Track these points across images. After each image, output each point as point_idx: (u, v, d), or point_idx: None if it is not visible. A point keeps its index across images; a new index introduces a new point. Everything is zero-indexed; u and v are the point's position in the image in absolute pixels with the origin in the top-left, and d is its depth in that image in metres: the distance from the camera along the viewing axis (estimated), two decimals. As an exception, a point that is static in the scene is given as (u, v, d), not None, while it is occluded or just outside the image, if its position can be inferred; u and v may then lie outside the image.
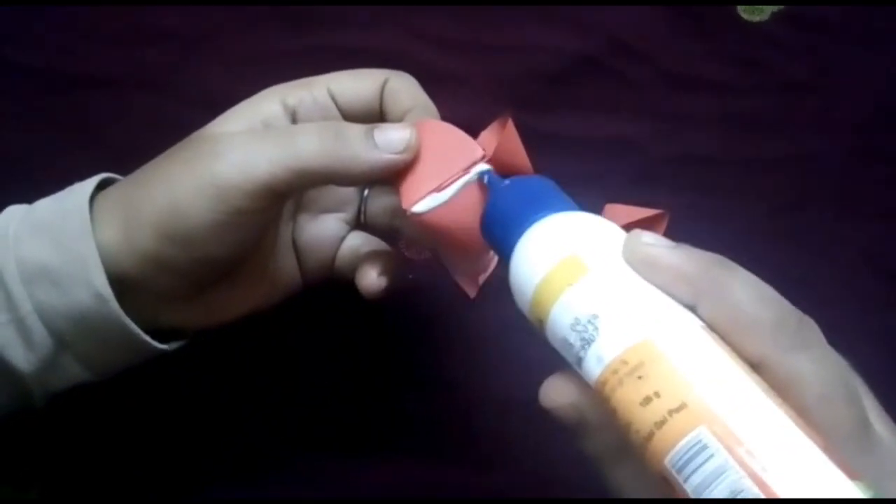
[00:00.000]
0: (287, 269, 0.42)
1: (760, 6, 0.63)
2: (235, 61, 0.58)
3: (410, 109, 0.39)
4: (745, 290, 0.28)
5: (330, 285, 0.48)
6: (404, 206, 0.37)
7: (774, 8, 0.63)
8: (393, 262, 0.41)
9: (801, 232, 0.54)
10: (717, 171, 0.56)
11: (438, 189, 0.37)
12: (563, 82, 0.59)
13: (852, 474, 0.24)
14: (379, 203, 0.43)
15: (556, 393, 0.31)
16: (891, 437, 0.28)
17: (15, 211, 0.38)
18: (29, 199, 0.40)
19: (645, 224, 0.51)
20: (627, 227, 0.50)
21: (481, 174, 0.37)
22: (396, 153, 0.36)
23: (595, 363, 0.28)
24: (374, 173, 0.36)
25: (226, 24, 0.60)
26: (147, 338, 0.37)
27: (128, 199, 0.37)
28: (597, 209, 0.53)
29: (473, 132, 0.55)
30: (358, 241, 0.43)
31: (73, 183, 0.39)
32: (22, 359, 0.36)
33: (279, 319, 0.48)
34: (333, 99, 0.40)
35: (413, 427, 0.49)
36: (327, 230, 0.42)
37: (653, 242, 0.29)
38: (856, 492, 0.24)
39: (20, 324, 0.36)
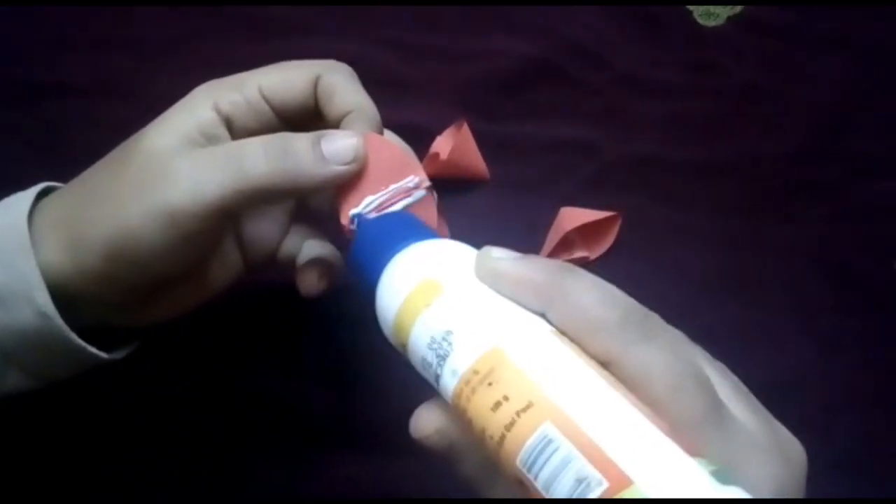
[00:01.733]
0: (231, 262, 0.42)
1: (716, 11, 0.64)
2: (203, 68, 0.58)
3: (349, 110, 0.39)
4: (589, 294, 0.28)
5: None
6: (342, 219, 0.37)
7: (730, 12, 0.64)
8: (332, 266, 0.42)
9: (752, 235, 0.55)
10: (670, 174, 0.57)
11: (378, 209, 0.37)
12: (520, 87, 0.59)
13: (693, 451, 0.25)
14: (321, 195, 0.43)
15: (422, 422, 0.31)
16: (746, 415, 0.29)
17: None
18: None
19: (599, 226, 0.52)
20: (582, 231, 0.51)
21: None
22: (345, 164, 0.37)
23: (450, 377, 0.29)
24: (323, 186, 0.37)
25: (192, 31, 0.61)
26: (94, 349, 0.38)
27: (72, 219, 0.37)
28: (552, 212, 0.54)
29: (431, 137, 0.56)
30: (301, 233, 0.43)
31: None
32: None
33: (238, 317, 0.48)
34: (266, 99, 0.39)
35: (376, 427, 0.49)
36: (270, 221, 0.43)
37: (501, 256, 0.30)
38: (697, 468, 0.25)
39: None
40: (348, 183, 0.37)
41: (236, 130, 0.38)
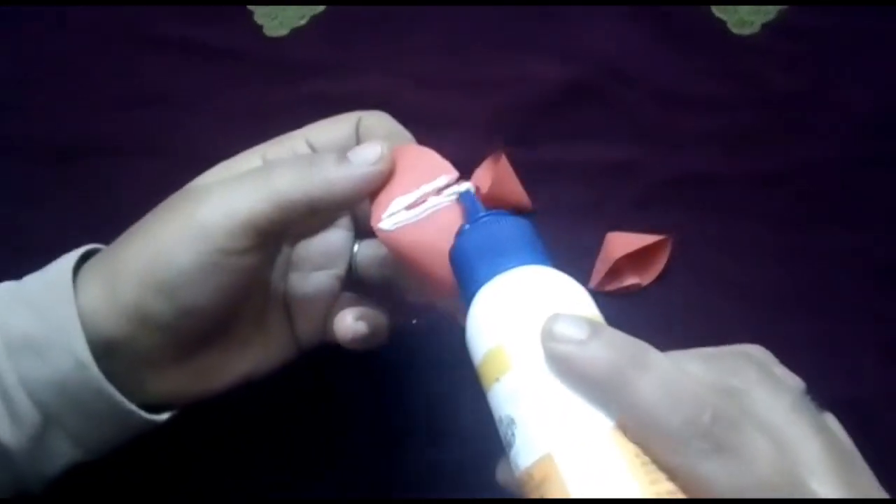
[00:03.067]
0: (279, 331, 0.41)
1: (750, 19, 0.63)
2: (230, 116, 0.58)
3: (385, 138, 0.39)
4: (653, 392, 0.26)
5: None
6: (372, 222, 0.36)
7: (764, 19, 0.63)
8: (375, 312, 0.41)
9: (807, 247, 0.53)
10: (716, 189, 0.55)
11: (410, 207, 0.36)
12: (554, 111, 0.59)
13: None
14: (368, 253, 0.42)
15: (503, 474, 0.32)
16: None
17: (6, 284, 0.38)
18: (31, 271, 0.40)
19: (649, 251, 0.50)
20: (631, 257, 0.50)
21: (460, 195, 0.37)
22: (371, 164, 0.36)
23: (515, 467, 0.28)
24: (352, 192, 0.36)
25: (223, 78, 0.61)
26: (133, 406, 0.37)
27: (111, 258, 0.37)
28: (598, 238, 0.53)
29: (468, 170, 0.56)
30: (351, 302, 0.42)
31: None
32: (9, 435, 0.36)
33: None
34: (312, 148, 0.40)
35: (423, 480, 0.48)
36: (319, 287, 0.42)
37: (566, 336, 0.28)
38: None
39: (5, 396, 0.35)
40: (379, 189, 0.37)
41: None
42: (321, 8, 0.65)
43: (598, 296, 0.51)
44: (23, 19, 0.66)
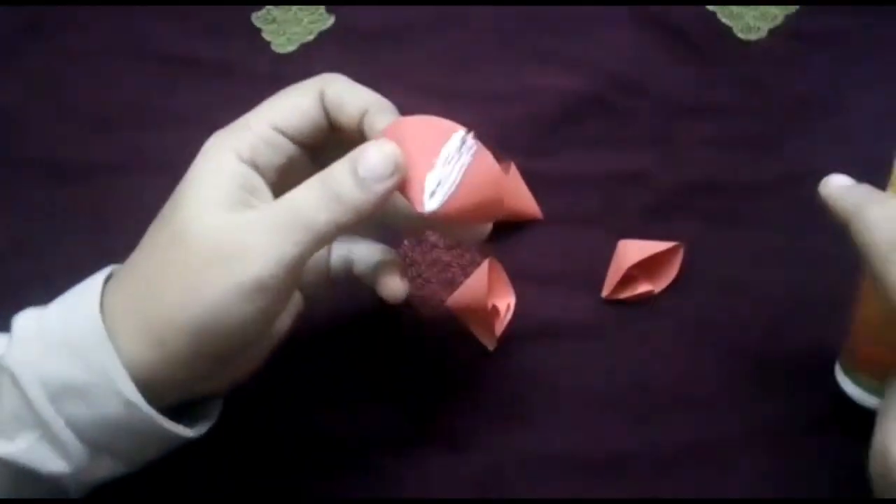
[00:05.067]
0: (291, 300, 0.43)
1: (757, 24, 0.63)
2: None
3: (363, 111, 0.40)
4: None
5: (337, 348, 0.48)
6: (416, 208, 0.37)
7: (771, 25, 0.63)
8: (400, 263, 0.44)
9: (819, 254, 0.53)
10: (728, 196, 0.56)
11: (442, 183, 0.37)
12: (562, 121, 0.59)
13: None
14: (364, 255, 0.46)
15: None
16: None
17: (27, 323, 0.38)
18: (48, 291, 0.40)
19: (661, 258, 0.51)
20: (644, 264, 0.50)
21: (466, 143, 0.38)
22: (389, 179, 0.37)
23: None
24: (377, 207, 0.37)
25: (227, 98, 0.61)
26: (180, 428, 0.38)
27: (148, 310, 0.37)
28: (610, 246, 0.53)
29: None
30: (343, 243, 0.45)
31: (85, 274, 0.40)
32: (58, 466, 0.37)
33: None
34: (280, 131, 0.39)
35: (433, 488, 0.48)
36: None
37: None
38: None
39: (54, 439, 0.36)
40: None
41: (263, 171, 0.39)
42: (329, 23, 0.66)
43: (612, 303, 0.52)
44: (29, 40, 0.67)
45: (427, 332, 0.51)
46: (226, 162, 0.38)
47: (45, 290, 0.40)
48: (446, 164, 0.37)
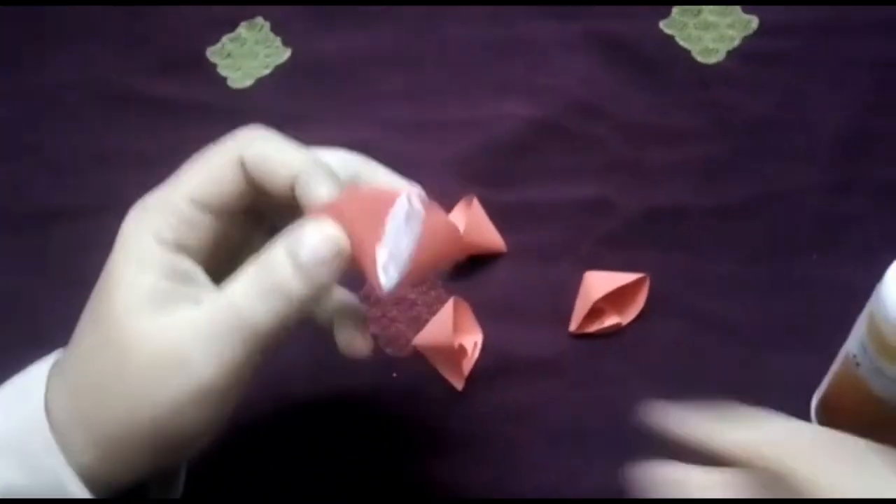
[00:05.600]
0: None
1: (715, 47, 0.63)
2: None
3: (292, 180, 0.36)
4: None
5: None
6: (372, 284, 0.35)
7: (728, 46, 0.63)
8: (362, 315, 0.41)
9: (784, 278, 0.53)
10: (691, 222, 0.55)
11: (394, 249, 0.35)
12: (523, 151, 0.59)
13: None
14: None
15: None
16: None
17: None
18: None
19: (627, 289, 0.50)
20: (610, 297, 0.50)
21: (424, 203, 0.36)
22: (332, 260, 0.34)
23: None
24: (322, 293, 0.35)
25: (184, 134, 0.60)
26: None
27: (94, 417, 0.35)
28: (575, 277, 0.52)
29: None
30: None
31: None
32: None
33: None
34: (201, 207, 0.36)
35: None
36: None
37: None
38: None
39: None
40: (356, 252, 0.35)
41: (192, 251, 0.36)
42: (286, 56, 0.65)
43: (580, 337, 0.51)
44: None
45: (395, 371, 0.51)
46: (147, 250, 0.35)
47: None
48: (396, 234, 0.34)
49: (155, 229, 0.36)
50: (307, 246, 0.34)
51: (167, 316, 0.34)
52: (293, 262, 0.34)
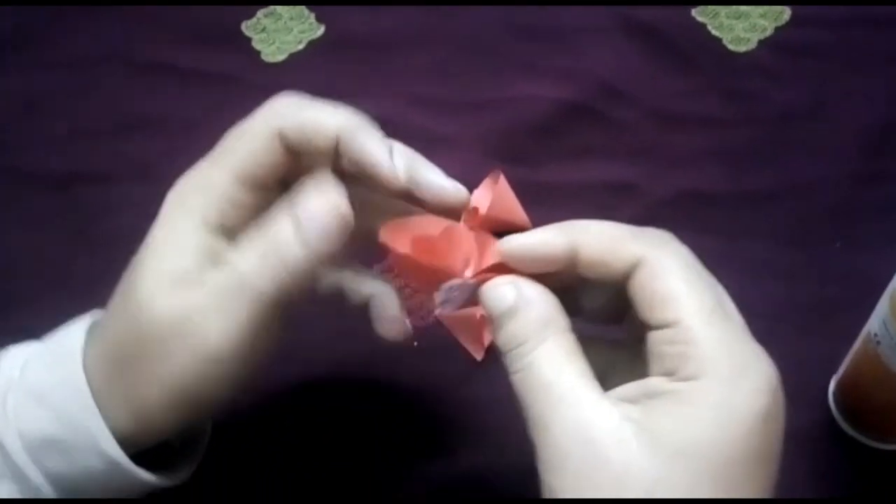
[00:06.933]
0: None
1: (746, 36, 0.63)
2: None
3: (334, 137, 0.36)
4: (601, 223, 0.39)
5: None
6: (434, 313, 0.39)
7: (760, 36, 0.63)
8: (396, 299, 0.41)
9: (806, 264, 0.53)
10: (715, 208, 0.56)
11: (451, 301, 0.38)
12: (553, 131, 0.59)
13: None
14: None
15: None
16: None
17: (12, 373, 0.38)
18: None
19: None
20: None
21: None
22: (333, 224, 0.34)
23: None
24: (330, 252, 0.35)
25: (214, 106, 0.61)
26: (164, 480, 0.38)
27: (126, 378, 0.36)
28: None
29: (468, 191, 0.56)
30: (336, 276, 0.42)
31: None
32: None
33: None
34: (244, 181, 0.37)
35: (431, 494, 0.48)
36: None
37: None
38: None
39: (35, 492, 0.36)
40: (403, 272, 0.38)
41: (230, 231, 0.37)
42: (319, 33, 0.66)
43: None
44: (18, 51, 0.67)
45: (415, 340, 0.51)
46: (190, 232, 0.36)
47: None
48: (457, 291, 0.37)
49: (197, 211, 0.36)
50: (308, 210, 0.34)
51: (190, 290, 0.35)
52: (295, 226, 0.34)
